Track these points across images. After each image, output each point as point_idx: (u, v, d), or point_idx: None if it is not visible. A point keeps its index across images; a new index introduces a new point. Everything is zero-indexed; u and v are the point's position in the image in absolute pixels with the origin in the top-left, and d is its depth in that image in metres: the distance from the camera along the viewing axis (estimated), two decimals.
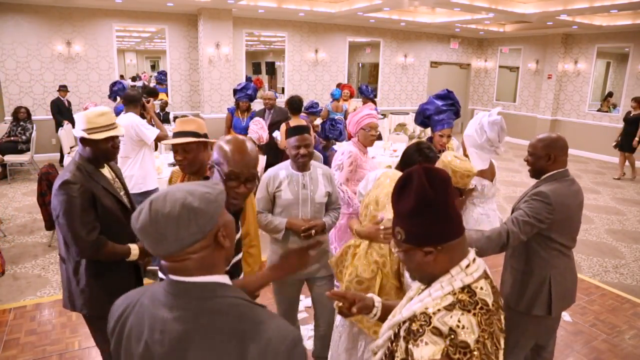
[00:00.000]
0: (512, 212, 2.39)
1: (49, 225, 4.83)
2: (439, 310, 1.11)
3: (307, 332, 3.32)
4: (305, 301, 3.77)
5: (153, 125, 4.45)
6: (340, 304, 1.48)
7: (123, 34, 12.10)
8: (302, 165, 2.57)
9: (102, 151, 2.20)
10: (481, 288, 1.15)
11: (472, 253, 1.21)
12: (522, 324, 2.39)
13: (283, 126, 5.75)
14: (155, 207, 0.99)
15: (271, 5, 9.11)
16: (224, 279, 1.07)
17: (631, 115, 8.73)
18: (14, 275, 4.28)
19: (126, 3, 8.82)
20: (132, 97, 4.27)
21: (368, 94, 8.17)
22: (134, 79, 15.28)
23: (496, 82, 13.85)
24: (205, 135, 2.25)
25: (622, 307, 4.02)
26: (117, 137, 2.23)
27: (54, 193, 2.09)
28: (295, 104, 5.73)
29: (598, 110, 11.60)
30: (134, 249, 2.21)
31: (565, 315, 3.80)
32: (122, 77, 13.42)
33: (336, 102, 8.17)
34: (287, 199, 2.56)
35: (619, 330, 3.64)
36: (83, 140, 2.16)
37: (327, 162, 6.08)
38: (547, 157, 2.33)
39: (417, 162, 2.35)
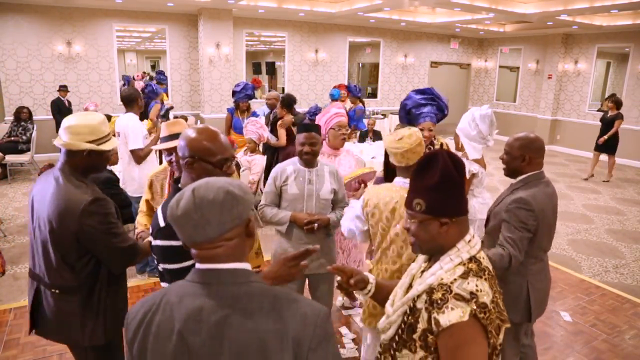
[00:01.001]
0: (488, 218, 2.38)
1: None
2: (455, 279, 1.26)
3: None
4: None
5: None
6: (339, 278, 1.60)
7: (123, 34, 12.10)
8: (307, 162, 2.65)
9: (104, 161, 2.04)
10: (483, 257, 1.35)
11: (471, 229, 1.39)
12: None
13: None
14: (199, 194, 1.06)
15: (271, 5, 9.11)
16: (248, 266, 1.13)
17: (608, 115, 8.67)
18: (14, 275, 4.28)
19: (126, 3, 8.83)
20: (128, 97, 4.18)
21: (356, 93, 7.97)
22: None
23: (496, 82, 13.84)
24: None
25: (623, 307, 4.02)
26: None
27: (80, 215, 1.83)
28: (287, 101, 5.83)
29: (598, 110, 11.60)
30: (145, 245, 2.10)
31: (566, 315, 3.80)
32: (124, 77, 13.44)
33: (335, 103, 8.15)
34: (293, 194, 2.64)
35: (619, 330, 3.64)
36: (88, 153, 1.93)
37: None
38: (521, 157, 2.27)
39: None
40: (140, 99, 4.30)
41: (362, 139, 7.72)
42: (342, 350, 3.25)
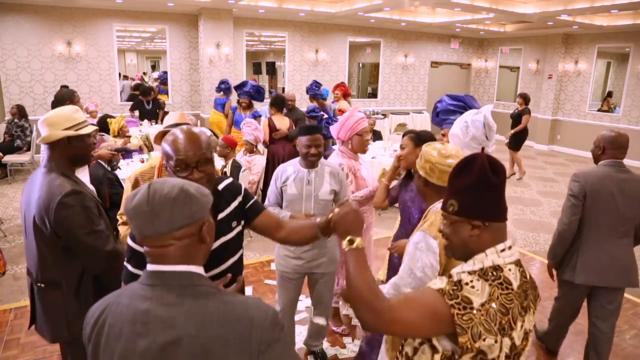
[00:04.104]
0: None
1: None
2: (461, 272, 1.26)
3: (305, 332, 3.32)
4: (305, 301, 3.77)
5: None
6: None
7: (123, 34, 12.09)
8: (312, 164, 2.68)
9: (87, 147, 2.03)
10: (509, 269, 1.27)
11: (509, 241, 1.32)
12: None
13: (265, 120, 5.88)
14: (154, 187, 1.06)
15: (272, 6, 9.11)
16: (200, 270, 1.11)
17: (516, 111, 8.56)
18: (15, 275, 4.28)
19: (127, 3, 8.83)
20: (60, 98, 4.02)
21: (316, 93, 7.50)
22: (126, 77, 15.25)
23: (497, 82, 13.84)
24: None
25: (623, 307, 3.98)
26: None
27: (55, 207, 1.83)
28: (277, 102, 5.88)
29: (598, 110, 11.60)
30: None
31: None
32: (125, 77, 13.45)
33: (323, 102, 8.12)
34: (292, 194, 2.68)
35: (619, 330, 3.63)
36: (68, 140, 1.94)
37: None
38: (599, 148, 2.82)
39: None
40: (72, 100, 4.02)
41: None
42: (342, 350, 3.25)
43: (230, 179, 1.83)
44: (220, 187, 1.75)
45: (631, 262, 2.75)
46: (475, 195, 1.27)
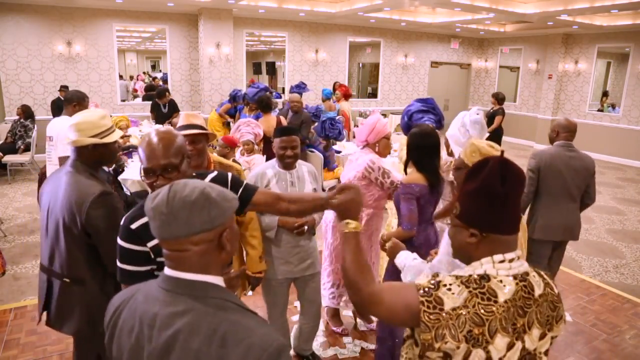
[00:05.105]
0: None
1: None
2: (449, 274, 1.23)
3: None
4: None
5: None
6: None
7: (123, 34, 12.10)
8: (288, 165, 2.65)
9: (112, 153, 2.12)
10: (500, 281, 1.18)
11: (513, 254, 1.22)
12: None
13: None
14: (175, 189, 1.04)
15: (272, 6, 9.11)
16: (218, 280, 1.08)
17: (491, 110, 8.52)
18: (14, 275, 4.28)
19: (126, 3, 8.83)
20: (68, 97, 3.92)
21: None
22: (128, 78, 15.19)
23: (497, 82, 13.83)
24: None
25: (623, 307, 4.02)
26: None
27: (87, 207, 1.90)
28: (264, 103, 5.83)
29: (598, 110, 11.60)
30: None
31: (566, 315, 3.79)
32: (121, 77, 13.45)
33: (329, 102, 8.14)
34: None
35: (619, 330, 3.63)
36: (94, 146, 2.02)
37: (327, 162, 6.08)
38: (554, 132, 3.44)
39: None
40: (81, 103, 3.91)
41: None
42: (342, 350, 3.25)
43: (216, 172, 1.81)
44: (207, 180, 1.75)
45: (576, 222, 3.44)
46: (476, 203, 1.21)
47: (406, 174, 2.79)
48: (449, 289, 1.17)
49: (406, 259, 1.84)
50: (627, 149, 10.58)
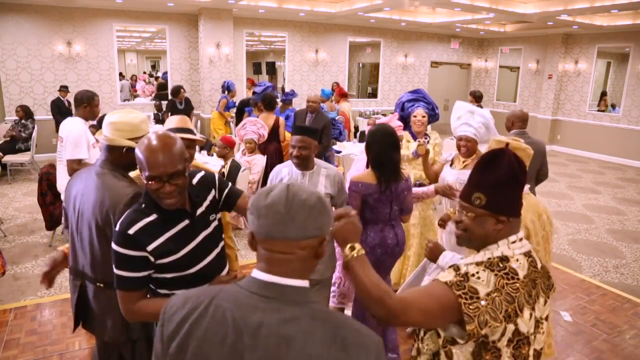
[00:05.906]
0: None
1: (50, 225, 4.84)
2: (469, 263, 1.32)
3: None
4: None
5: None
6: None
7: (123, 34, 12.10)
8: (297, 165, 2.64)
9: None
10: (517, 260, 1.32)
11: (521, 233, 1.38)
12: None
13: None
14: (293, 190, 1.02)
15: (272, 5, 9.11)
16: (308, 284, 1.08)
17: None
18: (15, 275, 4.28)
19: (127, 3, 8.83)
20: (78, 97, 3.81)
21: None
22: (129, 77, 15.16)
23: (497, 82, 13.84)
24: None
25: (623, 307, 4.02)
26: None
27: (123, 208, 1.80)
28: (268, 100, 5.84)
29: (598, 110, 11.60)
30: None
31: (566, 315, 3.80)
32: (123, 76, 13.45)
33: (329, 102, 8.14)
34: None
35: (619, 330, 3.64)
36: (126, 149, 1.94)
37: (327, 162, 6.08)
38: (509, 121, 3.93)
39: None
40: (91, 103, 3.81)
41: (362, 139, 7.72)
42: None
43: (203, 172, 1.81)
44: (194, 180, 1.75)
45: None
46: (505, 192, 1.32)
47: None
48: (478, 277, 1.26)
49: (452, 259, 1.82)
50: (627, 149, 10.58)
